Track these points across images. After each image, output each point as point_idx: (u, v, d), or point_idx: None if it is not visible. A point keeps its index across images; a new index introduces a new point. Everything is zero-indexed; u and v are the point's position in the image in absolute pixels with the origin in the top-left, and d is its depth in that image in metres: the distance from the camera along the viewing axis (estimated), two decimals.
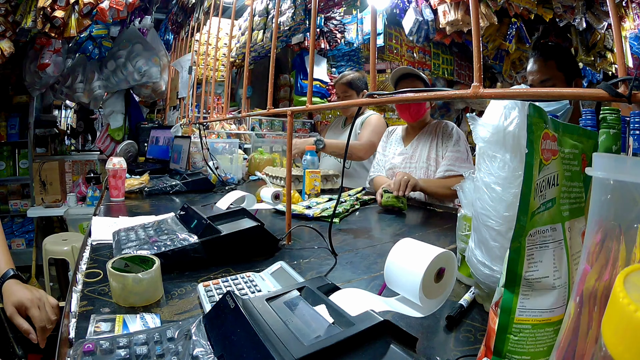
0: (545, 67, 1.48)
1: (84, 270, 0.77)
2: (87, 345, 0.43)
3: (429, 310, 0.53)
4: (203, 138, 2.02)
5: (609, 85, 0.42)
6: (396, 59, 3.89)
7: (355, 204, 1.47)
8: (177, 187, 1.71)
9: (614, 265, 0.28)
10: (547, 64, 1.48)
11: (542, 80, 1.48)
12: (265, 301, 0.47)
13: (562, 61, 1.48)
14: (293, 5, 2.26)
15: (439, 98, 0.65)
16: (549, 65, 1.47)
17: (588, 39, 3.25)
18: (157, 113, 4.10)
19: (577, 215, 0.46)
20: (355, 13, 3.71)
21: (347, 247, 0.99)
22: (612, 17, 0.49)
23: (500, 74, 4.03)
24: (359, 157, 2.10)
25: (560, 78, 1.46)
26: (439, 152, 1.68)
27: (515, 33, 3.08)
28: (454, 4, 2.39)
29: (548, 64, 1.47)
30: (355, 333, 0.39)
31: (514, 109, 0.51)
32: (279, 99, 4.23)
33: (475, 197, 0.57)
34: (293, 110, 1.04)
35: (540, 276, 0.41)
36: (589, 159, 0.48)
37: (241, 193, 1.15)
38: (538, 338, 0.41)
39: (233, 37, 2.97)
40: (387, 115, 4.40)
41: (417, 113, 1.72)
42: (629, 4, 2.96)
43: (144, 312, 0.59)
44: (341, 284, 0.64)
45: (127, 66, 2.88)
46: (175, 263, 0.78)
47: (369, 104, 0.78)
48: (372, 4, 0.90)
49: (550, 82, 1.46)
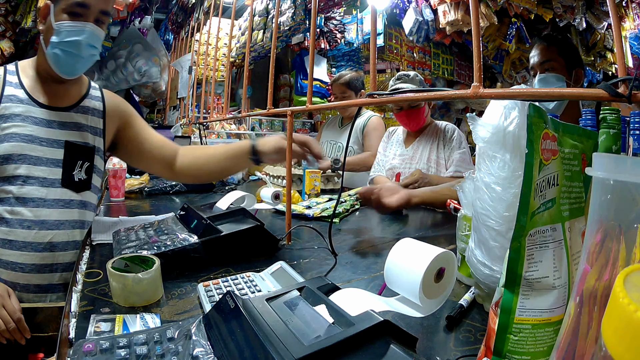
0: (547, 50, 1.50)
1: (84, 270, 0.77)
2: (87, 345, 0.43)
3: (429, 310, 0.53)
4: (203, 138, 2.03)
5: (609, 85, 0.42)
6: (396, 59, 3.89)
7: (355, 204, 1.47)
8: (177, 187, 1.71)
9: (614, 265, 0.28)
10: (549, 48, 1.50)
11: (542, 62, 1.50)
12: (265, 301, 0.47)
13: (564, 48, 1.49)
14: (293, 5, 2.27)
15: (439, 98, 0.65)
16: (551, 49, 1.49)
17: (588, 39, 3.25)
18: (157, 113, 4.10)
19: (577, 215, 0.46)
20: (355, 13, 3.71)
21: (347, 247, 0.99)
22: (612, 17, 0.49)
23: (500, 74, 4.04)
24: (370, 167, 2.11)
25: (560, 63, 1.48)
26: (439, 155, 1.68)
27: (515, 33, 3.09)
28: (454, 4, 2.39)
29: (550, 48, 1.50)
30: (355, 333, 0.39)
31: (514, 109, 0.51)
32: (279, 99, 4.24)
33: (475, 197, 0.57)
34: (293, 110, 1.04)
35: (540, 276, 0.41)
36: (589, 159, 0.48)
37: (241, 193, 1.15)
38: (538, 338, 0.41)
39: (233, 37, 2.97)
40: (387, 115, 4.40)
41: (417, 124, 1.73)
42: (629, 4, 2.96)
43: (144, 312, 0.59)
44: (341, 284, 0.64)
45: (127, 66, 2.88)
46: (175, 263, 0.78)
47: (369, 104, 0.78)
48: (372, 4, 0.90)
49: (549, 64, 1.48)
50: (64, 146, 1.01)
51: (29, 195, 0.96)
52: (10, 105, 0.96)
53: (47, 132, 0.98)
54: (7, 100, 0.96)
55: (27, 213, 0.96)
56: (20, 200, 0.95)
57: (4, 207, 0.95)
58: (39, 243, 0.97)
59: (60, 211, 1.00)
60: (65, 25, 0.94)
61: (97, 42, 0.99)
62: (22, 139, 0.94)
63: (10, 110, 0.95)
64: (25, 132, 0.95)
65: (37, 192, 0.96)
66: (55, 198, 0.99)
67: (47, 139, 0.98)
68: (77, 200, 1.04)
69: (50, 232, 0.99)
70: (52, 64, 0.97)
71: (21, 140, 0.94)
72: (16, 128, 0.94)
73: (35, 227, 0.97)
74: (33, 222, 0.96)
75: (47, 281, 1.00)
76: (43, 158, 0.97)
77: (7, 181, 0.94)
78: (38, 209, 0.97)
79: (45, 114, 0.99)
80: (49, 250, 0.99)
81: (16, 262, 0.96)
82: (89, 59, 0.99)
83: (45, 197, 0.98)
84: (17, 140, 0.94)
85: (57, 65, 0.97)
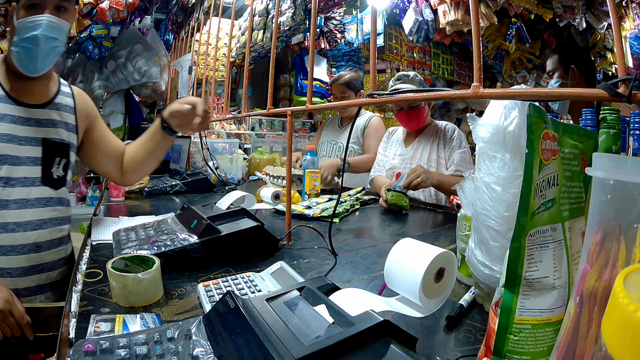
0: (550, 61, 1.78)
1: (84, 270, 0.77)
2: (87, 345, 0.43)
3: (429, 310, 0.53)
4: (203, 138, 2.03)
5: (609, 85, 0.42)
6: (396, 59, 3.89)
7: (355, 204, 1.47)
8: (177, 187, 1.71)
9: (614, 265, 0.28)
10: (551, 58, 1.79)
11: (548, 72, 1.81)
12: (265, 301, 0.47)
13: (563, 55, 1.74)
14: (293, 5, 2.26)
15: (439, 98, 0.65)
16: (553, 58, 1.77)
17: (588, 39, 3.25)
18: (157, 113, 4.09)
19: (577, 215, 0.46)
20: (355, 13, 3.71)
21: (347, 247, 0.99)
22: (612, 17, 0.49)
23: (500, 74, 4.04)
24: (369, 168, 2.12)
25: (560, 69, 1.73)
26: (440, 154, 1.68)
27: (515, 33, 3.08)
28: (454, 4, 2.39)
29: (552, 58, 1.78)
30: (355, 333, 0.39)
31: (514, 109, 0.51)
32: (279, 99, 4.24)
33: (475, 197, 0.57)
34: (293, 110, 1.04)
35: (540, 276, 0.41)
36: (589, 159, 0.48)
37: (241, 193, 1.15)
38: (538, 338, 0.41)
39: (233, 37, 2.97)
40: (387, 116, 4.40)
41: (417, 124, 1.73)
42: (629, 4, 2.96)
43: (144, 312, 0.59)
44: (341, 284, 0.64)
45: (127, 66, 2.88)
46: (175, 263, 0.78)
47: (369, 104, 0.78)
48: (372, 4, 0.90)
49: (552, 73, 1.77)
50: (42, 144, 0.99)
51: (11, 197, 0.93)
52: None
53: (25, 130, 0.96)
54: None
55: (10, 215, 0.93)
56: (3, 203, 0.92)
57: None
58: (24, 245, 0.96)
59: (42, 210, 0.99)
60: (23, 22, 0.91)
61: (57, 33, 0.94)
62: (1, 139, 0.91)
63: None
64: (4, 132, 0.92)
65: (19, 193, 0.94)
66: (36, 197, 0.98)
67: (25, 137, 0.96)
68: (56, 198, 1.03)
69: (35, 233, 0.97)
70: (15, 63, 0.94)
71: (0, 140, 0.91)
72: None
73: (20, 229, 0.94)
74: (17, 225, 0.94)
75: (35, 283, 1.00)
76: (23, 157, 0.95)
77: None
78: (21, 210, 0.95)
79: (23, 112, 0.97)
80: (34, 251, 0.98)
81: (3, 267, 0.94)
82: (50, 52, 0.95)
83: (27, 197, 0.96)
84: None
85: (19, 64, 0.94)
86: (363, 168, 2.04)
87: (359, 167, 2.04)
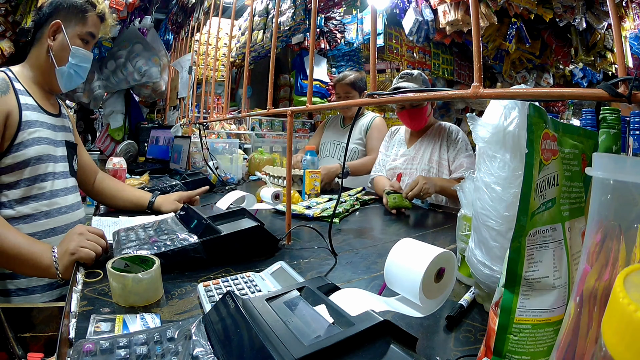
0: None
1: (84, 270, 0.77)
2: (87, 345, 0.43)
3: (429, 310, 0.53)
4: (203, 138, 2.03)
5: (609, 85, 0.42)
6: (396, 59, 3.89)
7: (355, 204, 1.47)
8: (177, 187, 1.71)
9: (614, 265, 0.28)
10: None
11: None
12: (265, 301, 0.47)
13: None
14: (293, 5, 2.26)
15: (439, 98, 0.65)
16: None
17: (588, 39, 3.25)
18: (157, 113, 4.09)
19: (577, 215, 0.46)
20: (355, 13, 3.71)
21: (347, 247, 0.99)
22: (612, 17, 0.49)
23: (500, 74, 4.04)
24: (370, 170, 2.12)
25: None
26: (442, 155, 1.67)
27: (515, 33, 3.09)
28: (454, 4, 2.39)
29: None
30: (355, 333, 0.39)
31: (514, 109, 0.51)
32: (279, 99, 4.24)
33: (475, 197, 0.57)
34: (293, 110, 1.04)
35: (540, 276, 0.41)
36: (589, 159, 0.48)
37: (241, 193, 1.15)
38: (538, 338, 0.41)
39: (233, 37, 2.97)
40: (387, 115, 4.40)
41: (419, 123, 1.73)
42: (629, 4, 2.96)
43: (144, 312, 0.59)
44: (341, 284, 0.64)
45: (127, 66, 2.88)
46: (175, 263, 0.78)
47: (369, 104, 0.78)
48: (372, 4, 0.90)
49: None
50: (65, 144, 1.22)
51: (59, 187, 1.16)
52: (29, 113, 1.09)
53: (55, 135, 1.17)
54: (25, 108, 1.09)
55: (61, 202, 1.16)
56: (55, 193, 1.15)
57: (41, 202, 1.11)
58: (73, 223, 1.19)
59: (74, 195, 1.24)
60: (81, 52, 1.17)
61: None
62: (46, 142, 1.12)
63: (30, 117, 1.09)
64: (46, 136, 1.13)
65: (63, 184, 1.18)
66: (71, 186, 1.22)
67: (57, 141, 1.18)
68: (77, 186, 1.28)
69: (75, 213, 1.22)
70: (60, 80, 1.17)
71: (46, 142, 1.12)
72: (39, 133, 1.10)
73: (69, 211, 1.19)
74: (67, 207, 1.18)
75: None
76: (58, 156, 1.18)
77: (40, 179, 1.11)
78: (67, 196, 1.19)
79: (51, 120, 1.18)
80: None
81: None
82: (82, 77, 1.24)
83: (67, 186, 1.19)
84: (44, 143, 1.11)
85: (64, 82, 1.19)
86: (363, 171, 2.03)
87: (359, 170, 2.04)
